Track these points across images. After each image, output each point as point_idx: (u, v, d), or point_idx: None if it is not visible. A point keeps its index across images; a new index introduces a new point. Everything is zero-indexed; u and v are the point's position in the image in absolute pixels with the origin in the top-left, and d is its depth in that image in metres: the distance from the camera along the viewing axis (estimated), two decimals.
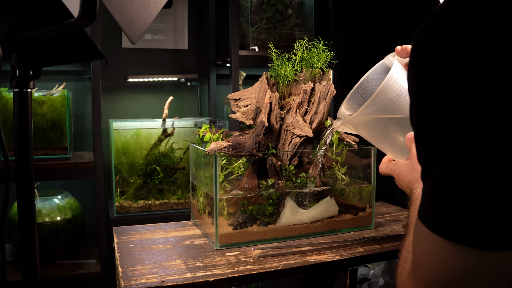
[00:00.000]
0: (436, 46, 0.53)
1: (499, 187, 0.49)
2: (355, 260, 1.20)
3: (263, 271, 1.11)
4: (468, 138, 0.51)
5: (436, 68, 0.53)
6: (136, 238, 1.35)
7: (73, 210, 2.39)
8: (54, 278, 2.22)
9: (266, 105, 1.32)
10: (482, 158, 0.50)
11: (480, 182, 0.50)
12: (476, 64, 0.50)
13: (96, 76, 2.30)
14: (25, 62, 0.87)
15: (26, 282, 0.91)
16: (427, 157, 0.57)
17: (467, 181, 0.51)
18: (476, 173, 0.50)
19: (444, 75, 0.52)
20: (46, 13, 0.80)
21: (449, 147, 0.53)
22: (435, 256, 0.54)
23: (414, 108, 0.59)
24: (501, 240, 0.50)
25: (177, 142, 2.47)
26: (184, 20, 2.95)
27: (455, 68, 0.51)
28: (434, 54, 0.53)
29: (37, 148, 2.25)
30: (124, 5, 0.85)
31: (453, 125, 0.52)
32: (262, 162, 1.34)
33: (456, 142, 0.52)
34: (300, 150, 1.35)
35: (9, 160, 0.80)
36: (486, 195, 0.50)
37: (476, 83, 0.49)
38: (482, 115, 0.49)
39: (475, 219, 0.50)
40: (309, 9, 2.79)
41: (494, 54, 0.49)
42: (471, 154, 0.50)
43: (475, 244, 0.51)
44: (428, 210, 0.56)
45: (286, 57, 1.39)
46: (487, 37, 0.49)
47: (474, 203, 0.50)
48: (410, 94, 0.59)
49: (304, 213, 1.32)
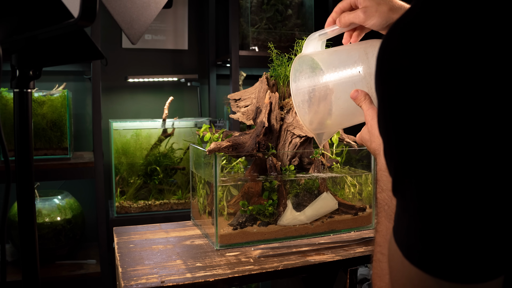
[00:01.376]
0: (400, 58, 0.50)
1: (480, 218, 0.47)
2: (355, 260, 1.20)
3: (263, 271, 1.11)
4: (447, 163, 0.48)
5: (403, 78, 0.50)
6: (136, 239, 1.35)
7: (73, 210, 2.39)
8: (54, 278, 2.22)
9: (266, 105, 1.32)
10: (465, 184, 0.47)
11: (462, 213, 0.48)
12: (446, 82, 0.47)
13: (96, 76, 2.30)
14: (25, 62, 0.87)
15: (26, 282, 0.91)
16: (396, 172, 0.55)
17: (447, 205, 0.48)
18: (459, 203, 0.48)
19: (416, 81, 0.49)
20: (46, 13, 0.80)
21: (425, 175, 0.49)
22: (412, 284, 0.53)
23: (383, 116, 0.55)
24: (483, 271, 0.49)
25: (177, 142, 2.47)
26: (184, 20, 2.95)
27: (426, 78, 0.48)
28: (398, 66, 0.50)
29: (37, 148, 2.25)
30: (124, 6, 0.85)
31: (428, 141, 0.49)
32: (262, 163, 1.34)
33: (433, 166, 0.49)
34: (300, 150, 1.35)
35: (9, 160, 0.80)
36: (469, 229, 0.48)
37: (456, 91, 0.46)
38: (466, 126, 0.46)
39: (457, 254, 0.48)
40: (309, 9, 2.79)
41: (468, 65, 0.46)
42: (454, 179, 0.48)
43: (456, 279, 0.49)
44: (404, 236, 0.53)
45: (286, 57, 1.39)
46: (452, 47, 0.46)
47: (456, 237, 0.48)
48: (378, 99, 0.56)
49: (303, 212, 1.32)
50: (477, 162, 0.46)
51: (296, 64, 1.15)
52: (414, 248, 0.51)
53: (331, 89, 1.07)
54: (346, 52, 1.10)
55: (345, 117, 1.12)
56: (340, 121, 1.15)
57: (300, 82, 1.13)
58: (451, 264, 0.49)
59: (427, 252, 0.50)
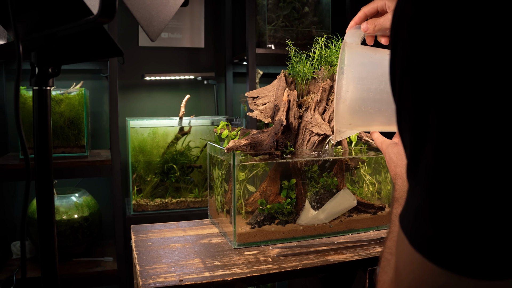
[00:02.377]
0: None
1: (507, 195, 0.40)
2: (374, 260, 1.19)
3: (282, 271, 1.10)
4: (479, 120, 0.40)
5: (429, 28, 0.43)
6: (154, 237, 1.35)
7: (90, 208, 2.40)
8: (71, 275, 2.23)
9: (285, 103, 1.31)
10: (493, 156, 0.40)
11: (485, 184, 0.40)
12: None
13: (113, 74, 2.30)
14: (44, 59, 0.87)
15: (45, 279, 0.91)
16: (413, 149, 0.47)
17: (467, 187, 0.41)
18: (481, 180, 0.40)
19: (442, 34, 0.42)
20: (65, 10, 0.80)
21: (447, 137, 0.42)
22: (421, 270, 0.45)
23: (400, 85, 0.48)
24: (502, 268, 0.41)
25: (193, 140, 2.47)
26: (201, 18, 2.95)
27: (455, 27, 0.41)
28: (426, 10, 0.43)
29: (55, 146, 2.26)
30: (144, 2, 0.85)
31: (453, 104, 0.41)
32: (284, 164, 1.33)
33: (458, 129, 0.41)
34: (318, 148, 1.34)
35: (29, 158, 0.80)
36: (492, 207, 0.40)
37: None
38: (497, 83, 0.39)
39: (475, 244, 0.41)
40: (326, 7, 2.77)
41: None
42: (479, 149, 0.40)
43: (468, 272, 0.42)
44: (411, 220, 0.46)
45: (305, 54, 1.38)
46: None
47: (475, 223, 0.41)
48: (393, 66, 0.50)
49: (321, 210, 1.31)
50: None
51: (341, 53, 1.07)
52: (421, 232, 0.44)
53: (367, 88, 1.02)
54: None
55: (376, 123, 1.07)
56: (373, 123, 1.11)
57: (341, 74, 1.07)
58: (464, 252, 0.41)
59: (434, 236, 0.43)
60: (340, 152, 1.37)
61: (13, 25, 0.75)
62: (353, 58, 1.04)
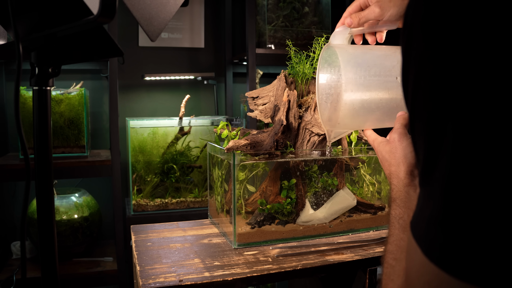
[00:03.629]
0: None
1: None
2: (374, 260, 1.19)
3: (282, 271, 1.10)
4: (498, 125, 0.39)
5: (442, 26, 0.42)
6: (154, 237, 1.35)
7: (90, 208, 2.40)
8: (71, 275, 2.23)
9: (285, 103, 1.31)
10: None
11: (502, 191, 0.39)
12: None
13: (113, 74, 2.30)
14: (45, 59, 0.87)
15: (45, 279, 0.91)
16: (428, 157, 0.45)
17: (488, 194, 0.40)
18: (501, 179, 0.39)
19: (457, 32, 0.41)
20: (65, 10, 0.80)
21: (465, 140, 0.41)
22: (437, 282, 0.43)
23: (413, 89, 0.47)
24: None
25: (193, 140, 2.47)
26: (201, 19, 2.95)
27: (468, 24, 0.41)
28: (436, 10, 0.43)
29: (55, 147, 2.26)
30: (144, 2, 0.85)
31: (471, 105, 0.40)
32: (284, 164, 1.33)
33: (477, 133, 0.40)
34: (318, 148, 1.33)
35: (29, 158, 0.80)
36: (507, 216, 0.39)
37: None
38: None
39: (488, 248, 0.39)
40: (326, 7, 2.77)
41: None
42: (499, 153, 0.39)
43: (484, 283, 0.40)
44: (425, 229, 0.45)
45: (305, 55, 1.38)
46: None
47: (489, 226, 0.40)
48: (405, 69, 0.49)
49: (321, 209, 1.31)
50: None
51: (325, 53, 1.10)
52: (436, 242, 0.43)
53: (361, 88, 1.03)
54: (384, 56, 1.05)
55: (369, 122, 1.08)
56: (362, 123, 1.12)
57: (328, 74, 1.08)
58: (484, 264, 0.40)
59: (451, 246, 0.41)
60: (340, 152, 1.37)
61: (13, 25, 0.75)
62: (345, 58, 1.05)
